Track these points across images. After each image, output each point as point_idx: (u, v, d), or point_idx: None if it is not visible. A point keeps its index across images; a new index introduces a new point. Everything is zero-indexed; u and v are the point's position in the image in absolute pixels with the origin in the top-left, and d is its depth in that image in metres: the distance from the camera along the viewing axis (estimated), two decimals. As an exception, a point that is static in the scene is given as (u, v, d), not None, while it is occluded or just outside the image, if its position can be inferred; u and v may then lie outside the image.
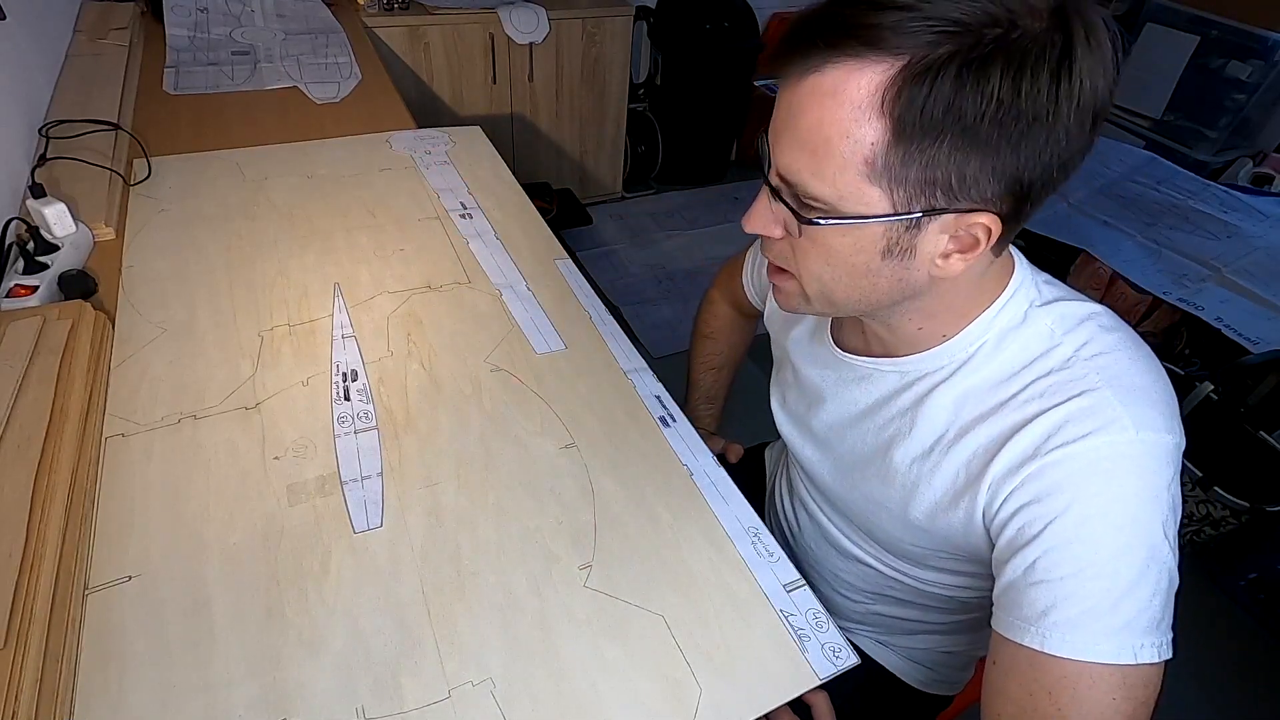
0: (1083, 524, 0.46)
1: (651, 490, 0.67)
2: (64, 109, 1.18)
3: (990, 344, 0.53)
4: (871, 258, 0.47)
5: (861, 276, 0.49)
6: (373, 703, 0.50)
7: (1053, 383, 0.50)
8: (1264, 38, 2.05)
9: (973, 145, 0.41)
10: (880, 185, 0.43)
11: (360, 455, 0.68)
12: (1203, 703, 1.35)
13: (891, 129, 0.41)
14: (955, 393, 0.54)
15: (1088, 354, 0.50)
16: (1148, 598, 0.45)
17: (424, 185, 1.11)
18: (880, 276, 0.48)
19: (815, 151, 0.43)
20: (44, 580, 0.52)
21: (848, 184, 0.44)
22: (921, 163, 0.42)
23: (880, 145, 0.42)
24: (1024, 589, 0.48)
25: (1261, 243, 1.91)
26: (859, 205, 0.44)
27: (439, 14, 1.99)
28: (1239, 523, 1.46)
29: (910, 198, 0.43)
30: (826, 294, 0.51)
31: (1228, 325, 1.72)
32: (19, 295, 0.79)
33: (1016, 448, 0.49)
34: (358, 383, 0.75)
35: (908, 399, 0.58)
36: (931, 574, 0.64)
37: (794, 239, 0.49)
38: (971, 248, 0.46)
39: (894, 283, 0.49)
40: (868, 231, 0.46)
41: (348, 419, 0.71)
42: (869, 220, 0.45)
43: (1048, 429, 0.48)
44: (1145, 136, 2.38)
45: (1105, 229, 2.08)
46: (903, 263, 0.47)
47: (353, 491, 0.64)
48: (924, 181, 0.43)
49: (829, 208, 0.45)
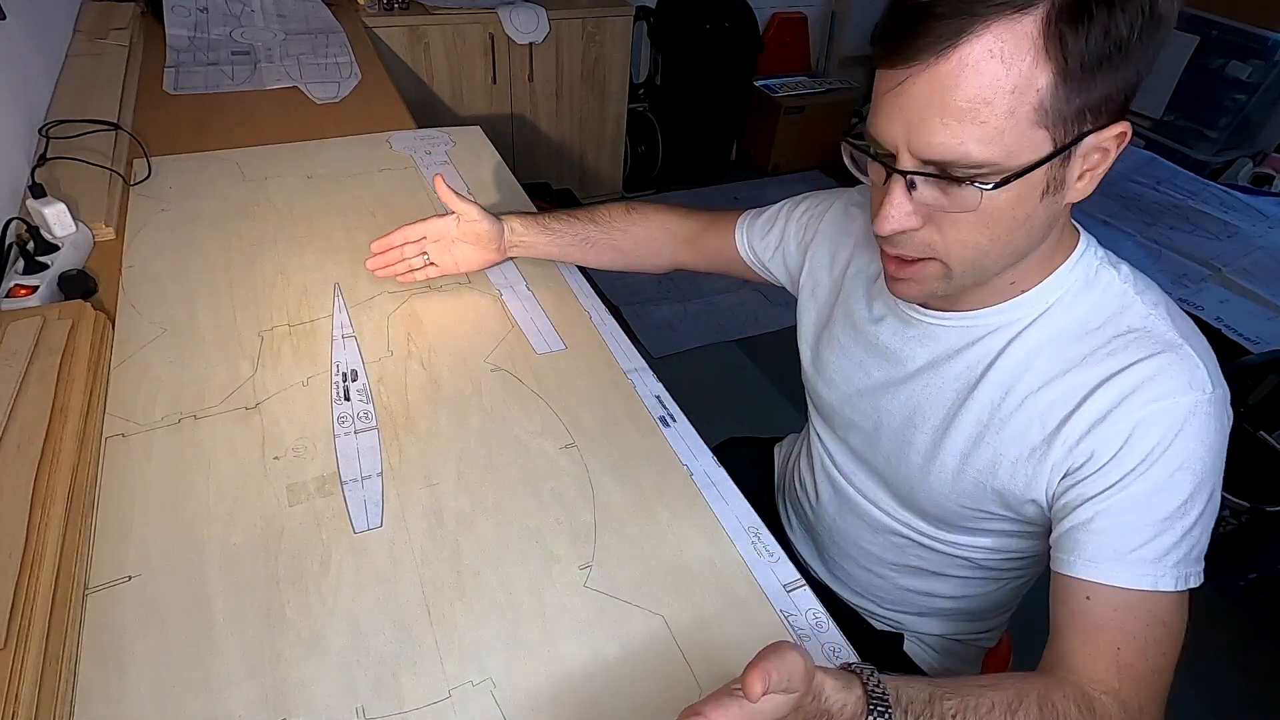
0: (1167, 473, 0.50)
1: (651, 490, 0.67)
2: (64, 109, 1.18)
3: (1067, 298, 0.55)
4: (1033, 205, 0.48)
5: (1020, 227, 0.49)
6: (373, 703, 0.50)
7: (1135, 338, 0.52)
8: (1264, 38, 2.05)
9: (1125, 61, 0.43)
10: (1046, 127, 0.45)
11: (360, 455, 0.68)
12: (1203, 703, 1.35)
13: (1057, 71, 0.43)
14: (1030, 345, 0.56)
15: (1164, 314, 0.53)
16: (1202, 533, 0.51)
17: (424, 185, 1.11)
18: (1035, 221, 0.49)
19: (979, 117, 0.44)
20: (44, 580, 0.52)
21: (1018, 137, 0.44)
22: (1084, 93, 0.44)
23: (1047, 89, 0.43)
24: (1096, 530, 0.51)
25: (1261, 243, 1.91)
26: (1028, 154, 0.45)
27: (439, 14, 1.99)
28: (1239, 523, 1.46)
29: (1067, 130, 0.45)
30: (978, 262, 0.51)
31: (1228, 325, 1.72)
32: (19, 295, 0.79)
33: (1101, 400, 0.52)
34: (358, 383, 0.75)
35: (975, 354, 0.59)
36: (963, 536, 0.66)
37: (941, 220, 0.49)
38: (1101, 162, 0.48)
39: (1044, 224, 0.50)
40: (1034, 178, 0.47)
41: (348, 419, 0.71)
42: (1038, 166, 0.46)
43: (1134, 383, 0.51)
44: (1145, 136, 2.38)
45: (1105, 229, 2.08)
46: (1055, 198, 0.49)
47: (353, 491, 0.64)
48: (1082, 110, 0.45)
49: (996, 168, 0.45)
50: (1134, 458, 0.50)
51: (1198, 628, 1.69)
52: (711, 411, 1.09)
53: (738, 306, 2.25)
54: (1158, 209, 2.09)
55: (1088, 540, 0.52)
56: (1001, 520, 0.61)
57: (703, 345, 2.11)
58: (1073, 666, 0.50)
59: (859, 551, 0.76)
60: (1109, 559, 0.51)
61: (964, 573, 0.69)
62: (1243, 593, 1.50)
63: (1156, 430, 0.50)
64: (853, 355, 0.69)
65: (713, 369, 2.06)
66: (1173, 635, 0.51)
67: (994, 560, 0.67)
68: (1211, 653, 1.44)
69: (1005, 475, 0.57)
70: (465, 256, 0.87)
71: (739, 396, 1.99)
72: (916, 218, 0.50)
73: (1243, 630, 1.48)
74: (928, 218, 0.50)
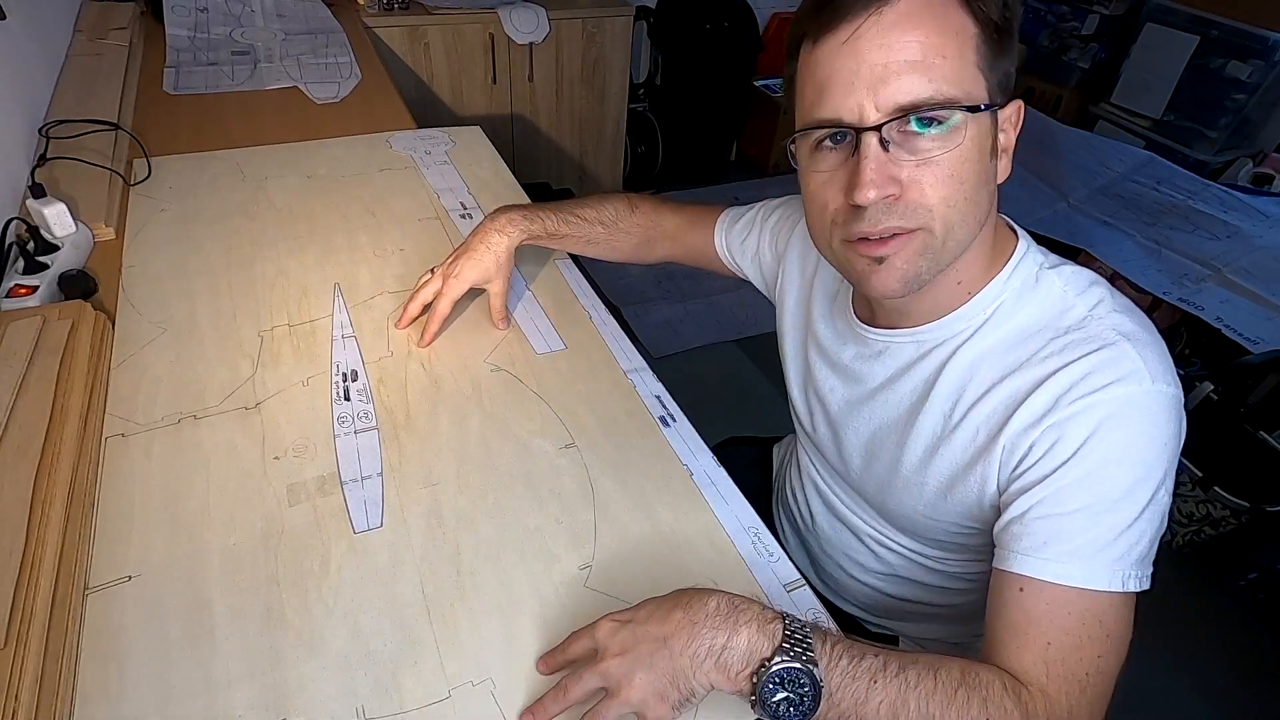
0: (1100, 465, 0.49)
1: (651, 490, 0.67)
2: (64, 109, 1.18)
3: (1007, 304, 0.56)
4: (985, 160, 0.51)
5: (982, 185, 0.51)
6: (373, 703, 0.50)
7: (1072, 339, 0.52)
8: (1264, 38, 2.05)
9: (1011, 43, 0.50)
10: (983, 73, 0.49)
11: (360, 455, 0.68)
12: (1203, 703, 1.35)
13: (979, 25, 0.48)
14: (973, 354, 0.56)
15: (1102, 313, 0.53)
16: (1141, 534, 0.49)
17: (424, 185, 1.12)
18: (989, 185, 0.52)
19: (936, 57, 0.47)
20: (44, 580, 0.52)
21: (969, 75, 0.49)
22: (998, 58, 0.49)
23: (978, 38, 0.48)
24: (1029, 522, 0.51)
25: (1261, 243, 1.91)
26: (979, 95, 0.49)
27: (439, 14, 1.99)
28: (1239, 523, 1.46)
29: (992, 90, 0.50)
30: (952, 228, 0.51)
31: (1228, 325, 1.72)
32: (19, 295, 0.79)
33: (1037, 401, 0.52)
34: (358, 383, 0.75)
35: (925, 368, 0.59)
36: (943, 551, 0.65)
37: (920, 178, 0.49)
38: (1009, 143, 0.53)
39: (991, 192, 0.53)
40: (983, 127, 0.50)
41: (348, 419, 0.71)
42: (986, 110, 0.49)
43: (1069, 381, 0.51)
44: (1145, 136, 2.38)
45: (1105, 229, 2.08)
46: (994, 165, 0.52)
47: (353, 491, 0.64)
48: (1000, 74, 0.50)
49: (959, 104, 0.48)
50: (1066, 450, 0.50)
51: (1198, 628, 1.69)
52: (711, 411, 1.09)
53: (737, 306, 2.25)
54: (1158, 209, 2.09)
55: (1021, 533, 0.51)
56: (972, 534, 0.61)
57: (703, 345, 2.11)
58: (1003, 659, 0.49)
59: (847, 561, 0.76)
60: (1038, 551, 0.50)
61: (951, 583, 0.69)
62: (1243, 593, 1.50)
63: (1088, 423, 0.49)
64: (820, 373, 0.70)
65: (713, 369, 2.06)
66: (1111, 637, 0.49)
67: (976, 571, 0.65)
68: (1211, 653, 1.44)
69: (960, 486, 0.57)
70: None
71: (739, 396, 1.99)
72: (896, 184, 0.49)
73: (1243, 630, 1.48)
74: (904, 184, 0.49)
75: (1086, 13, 2.43)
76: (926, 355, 0.59)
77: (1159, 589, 0.51)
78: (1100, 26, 2.42)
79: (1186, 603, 1.52)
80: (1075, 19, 2.48)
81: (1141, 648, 0.62)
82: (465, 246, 0.82)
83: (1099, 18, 2.41)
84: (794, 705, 0.44)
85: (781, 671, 0.44)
